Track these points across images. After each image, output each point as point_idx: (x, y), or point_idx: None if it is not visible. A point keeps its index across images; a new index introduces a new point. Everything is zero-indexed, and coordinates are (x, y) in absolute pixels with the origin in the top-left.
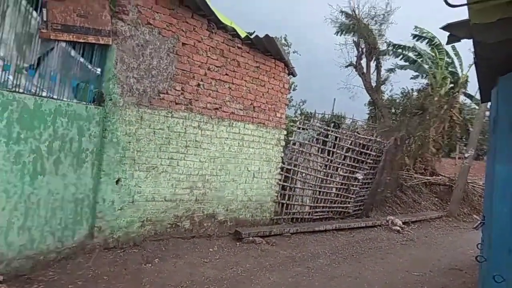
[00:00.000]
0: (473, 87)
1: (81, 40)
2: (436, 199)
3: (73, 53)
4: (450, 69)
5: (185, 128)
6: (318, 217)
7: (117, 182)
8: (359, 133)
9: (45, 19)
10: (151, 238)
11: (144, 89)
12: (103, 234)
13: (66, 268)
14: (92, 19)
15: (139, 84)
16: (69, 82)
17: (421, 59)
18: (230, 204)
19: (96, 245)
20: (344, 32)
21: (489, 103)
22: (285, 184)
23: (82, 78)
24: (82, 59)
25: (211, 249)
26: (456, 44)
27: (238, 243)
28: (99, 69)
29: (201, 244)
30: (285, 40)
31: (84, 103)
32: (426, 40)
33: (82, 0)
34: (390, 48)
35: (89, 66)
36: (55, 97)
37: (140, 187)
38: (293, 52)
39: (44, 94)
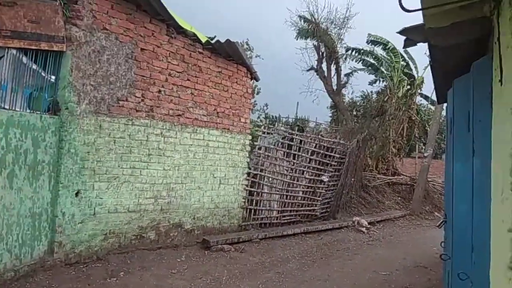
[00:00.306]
0: (429, 88)
1: (33, 47)
2: (399, 198)
3: (25, 60)
4: (406, 71)
5: (147, 136)
6: (286, 221)
7: (76, 194)
8: (323, 136)
9: None
10: (115, 251)
11: (102, 96)
12: (64, 249)
13: (25, 287)
14: (45, 25)
15: (97, 92)
16: (22, 91)
17: (378, 62)
18: (196, 212)
19: (57, 261)
20: (304, 37)
21: (445, 104)
22: (252, 189)
23: (36, 86)
24: (35, 67)
25: (178, 260)
26: (411, 49)
27: (206, 252)
28: (53, 77)
29: (168, 255)
30: (247, 44)
31: (38, 112)
32: (381, 46)
33: (33, 6)
34: (349, 52)
35: (43, 74)
36: (6, 107)
37: (102, 198)
38: (256, 57)
39: None
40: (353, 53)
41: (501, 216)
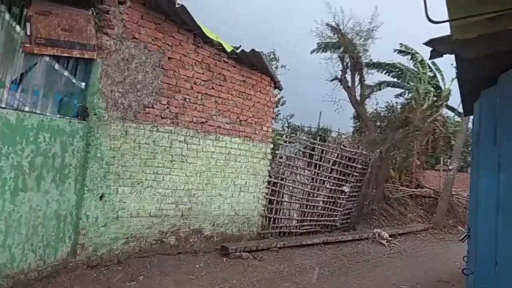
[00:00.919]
0: (456, 100)
1: (65, 54)
2: (422, 211)
3: (57, 67)
4: (432, 83)
5: (170, 142)
6: (305, 230)
7: (101, 198)
8: (345, 146)
9: (29, 33)
10: (136, 255)
11: (129, 103)
12: (86, 252)
13: (48, 287)
14: (77, 33)
15: (124, 99)
16: (53, 97)
17: (403, 75)
18: (216, 219)
19: (79, 263)
20: (327, 49)
21: (472, 117)
22: (272, 198)
23: (66, 92)
24: (66, 73)
25: (197, 265)
26: (439, 59)
27: (225, 259)
28: (83, 84)
29: (187, 260)
30: (274, 54)
31: (68, 117)
32: (409, 56)
33: (67, 15)
34: (374, 65)
35: (73, 80)
36: (38, 111)
37: (125, 202)
38: (281, 67)
39: (26, 108)
40: (378, 66)
41: None
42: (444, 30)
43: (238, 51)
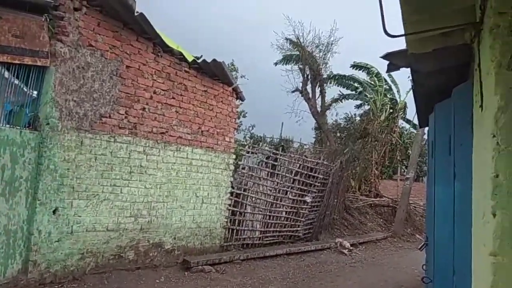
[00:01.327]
0: (411, 112)
1: (16, 61)
2: (381, 220)
3: (6, 74)
4: (389, 95)
5: (129, 153)
6: (268, 241)
7: (54, 212)
8: (306, 157)
9: None
10: (92, 271)
11: (85, 112)
12: (39, 269)
13: None
14: (29, 40)
15: (79, 108)
16: (2, 106)
17: (361, 87)
18: (178, 232)
19: (31, 281)
20: (288, 61)
21: (427, 128)
22: (235, 209)
23: (17, 101)
24: (16, 81)
25: (157, 281)
26: (394, 73)
27: (186, 273)
28: (35, 92)
29: (147, 276)
30: (233, 65)
31: (18, 127)
32: (366, 70)
33: (19, 20)
34: (334, 78)
35: (25, 89)
36: None
37: (80, 216)
38: (241, 77)
39: None
40: (337, 78)
41: (482, 240)
42: (401, 44)
43: (199, 60)
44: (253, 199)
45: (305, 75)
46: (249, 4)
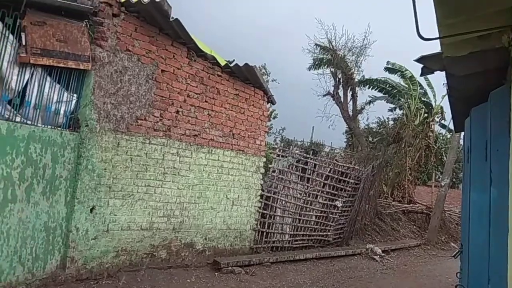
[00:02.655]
0: (447, 117)
1: (61, 65)
2: (414, 227)
3: (49, 78)
4: (424, 99)
5: (163, 155)
6: (298, 245)
7: (91, 210)
8: (337, 161)
9: (24, 43)
10: (126, 268)
11: (122, 115)
12: (76, 265)
13: None
14: (72, 45)
15: (117, 110)
16: (45, 108)
17: (395, 90)
18: (208, 233)
19: (68, 276)
20: (319, 66)
21: (463, 133)
22: (265, 212)
23: (58, 103)
24: (58, 85)
25: (188, 280)
26: (430, 76)
27: (216, 273)
28: (75, 95)
29: (178, 275)
30: (264, 69)
31: (59, 128)
32: (399, 73)
33: (61, 26)
34: (366, 81)
35: (66, 92)
36: (29, 122)
37: (116, 215)
38: (272, 81)
39: (18, 119)
40: (370, 82)
41: None
42: (435, 47)
43: (231, 65)
44: (283, 202)
45: (337, 79)
46: (281, 11)
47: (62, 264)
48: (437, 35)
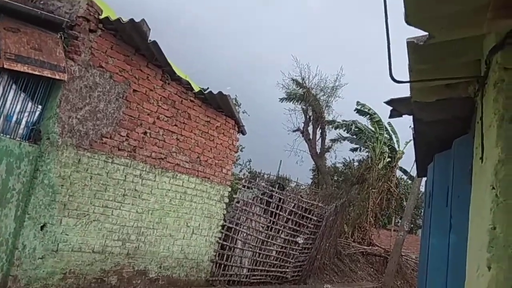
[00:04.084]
0: (408, 163)
1: (36, 73)
2: (372, 269)
3: (15, 86)
4: (388, 144)
5: (125, 176)
6: (255, 280)
7: (42, 227)
8: (302, 197)
9: None
10: None
11: (86, 131)
12: (18, 285)
13: None
14: (47, 54)
15: (81, 126)
16: (6, 116)
17: (362, 133)
18: (164, 261)
19: None
20: (292, 100)
21: (425, 178)
22: (225, 243)
23: (21, 113)
24: (24, 94)
25: None
26: (395, 122)
27: None
28: (40, 106)
29: None
30: (236, 100)
31: (19, 139)
32: (368, 116)
33: (36, 34)
34: (335, 123)
35: (30, 102)
36: None
37: (67, 235)
38: (243, 112)
39: None
40: (339, 124)
41: None
42: (405, 92)
43: (205, 92)
44: (245, 234)
45: (308, 116)
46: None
47: (3, 283)
48: (409, 79)
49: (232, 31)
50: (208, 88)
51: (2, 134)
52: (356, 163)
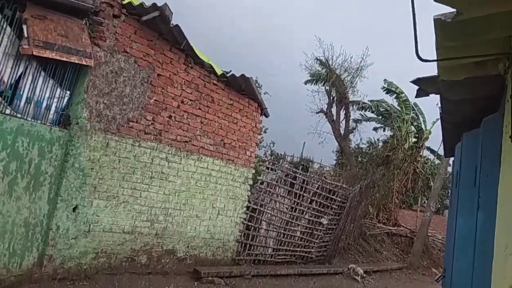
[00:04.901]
0: (436, 143)
1: (64, 59)
2: (397, 250)
3: (43, 73)
4: (415, 124)
5: (152, 159)
6: (280, 260)
7: (74, 209)
8: (326, 178)
9: (26, 35)
10: (105, 271)
11: (113, 115)
12: (53, 264)
13: None
14: (73, 40)
15: (109, 111)
16: (36, 102)
17: (387, 113)
18: (191, 241)
19: (45, 275)
20: (316, 82)
21: (452, 158)
22: (250, 224)
23: (51, 99)
24: (52, 80)
25: (167, 287)
26: (422, 101)
27: (196, 283)
28: (68, 92)
29: (157, 282)
30: (257, 82)
31: (49, 124)
32: (395, 95)
33: (62, 21)
34: (360, 103)
35: (59, 88)
36: (19, 115)
37: (98, 216)
38: (264, 93)
39: (7, 111)
40: (364, 103)
41: (503, 272)
42: (433, 71)
43: (228, 75)
44: (269, 215)
45: (331, 97)
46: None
47: (39, 262)
48: (435, 58)
49: (252, 6)
50: (230, 71)
51: (33, 120)
52: (380, 144)
